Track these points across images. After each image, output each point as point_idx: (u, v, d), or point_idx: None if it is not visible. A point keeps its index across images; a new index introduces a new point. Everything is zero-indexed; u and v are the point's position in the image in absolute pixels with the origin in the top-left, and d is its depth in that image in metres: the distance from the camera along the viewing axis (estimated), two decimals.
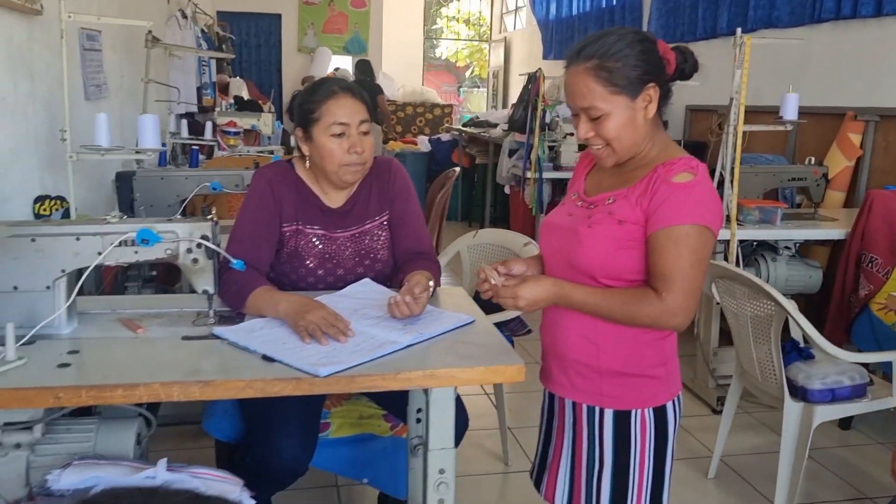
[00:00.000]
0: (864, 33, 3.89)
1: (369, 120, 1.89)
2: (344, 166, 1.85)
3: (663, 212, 1.42)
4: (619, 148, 1.49)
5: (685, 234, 1.41)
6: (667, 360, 1.54)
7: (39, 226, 1.60)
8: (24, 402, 1.35)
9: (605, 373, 1.53)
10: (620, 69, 1.43)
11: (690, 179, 1.43)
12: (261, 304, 1.72)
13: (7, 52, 2.43)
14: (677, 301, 1.41)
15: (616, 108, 1.45)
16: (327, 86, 1.88)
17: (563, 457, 1.65)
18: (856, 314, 3.01)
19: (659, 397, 1.53)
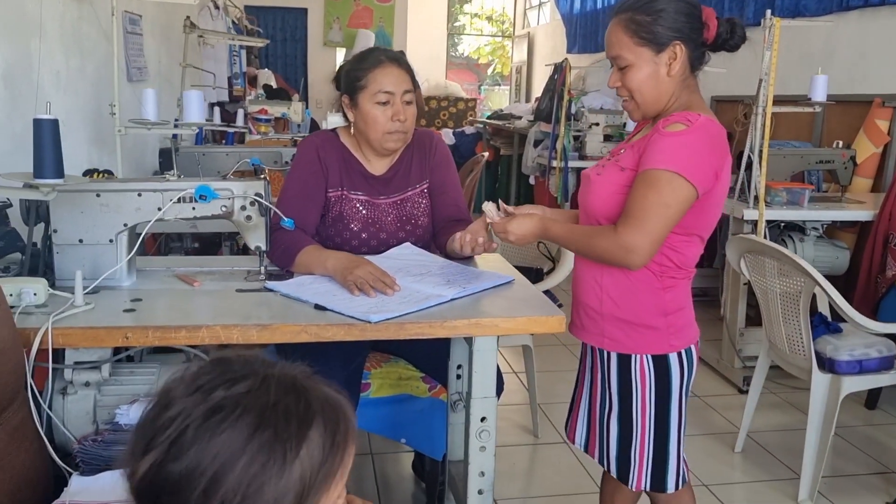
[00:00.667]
0: (893, 20, 3.90)
1: (413, 90, 1.96)
2: (387, 134, 1.93)
3: (646, 157, 1.49)
4: (640, 101, 1.56)
5: (656, 178, 1.46)
6: (667, 313, 1.58)
7: (104, 182, 1.68)
8: (95, 342, 1.43)
9: (606, 316, 1.61)
10: (649, 23, 1.51)
11: (681, 129, 1.48)
12: (309, 261, 1.79)
13: (61, 30, 2.53)
14: (632, 236, 1.46)
15: (640, 60, 1.52)
16: (375, 55, 1.96)
17: (583, 398, 1.75)
18: (883, 294, 3.04)
19: (658, 346, 1.58)
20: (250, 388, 0.72)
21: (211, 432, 0.69)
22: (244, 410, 0.70)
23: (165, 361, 1.62)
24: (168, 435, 0.70)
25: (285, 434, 0.70)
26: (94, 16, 2.86)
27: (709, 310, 4.15)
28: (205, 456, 0.69)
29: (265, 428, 0.70)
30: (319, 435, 0.72)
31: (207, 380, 0.73)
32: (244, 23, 7.41)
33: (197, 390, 0.72)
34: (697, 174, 1.46)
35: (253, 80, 7.38)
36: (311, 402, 0.73)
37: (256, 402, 0.71)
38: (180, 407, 0.71)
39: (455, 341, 1.85)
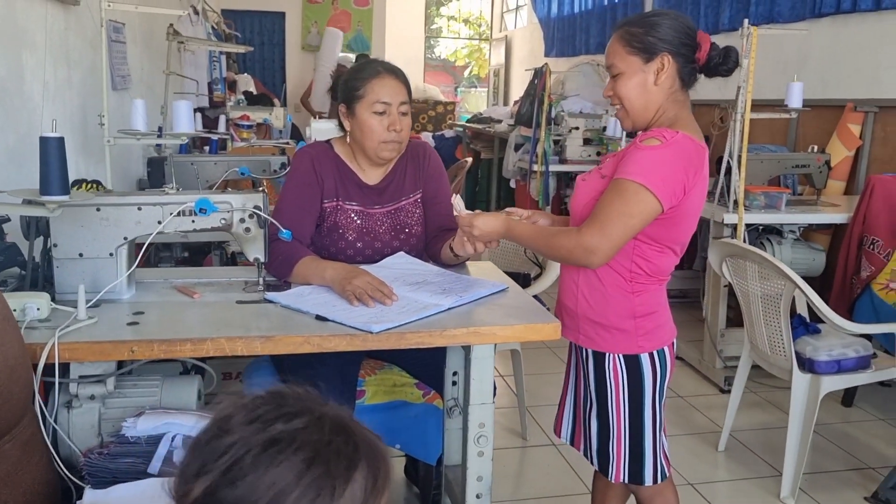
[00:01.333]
0: (864, 27, 4.02)
1: (409, 102, 2.01)
2: (382, 143, 1.97)
3: (620, 166, 1.58)
4: (629, 109, 1.65)
5: (625, 188, 1.54)
6: (636, 316, 1.66)
7: (104, 196, 1.70)
8: (102, 355, 1.45)
9: (581, 317, 1.70)
10: (641, 34, 1.60)
11: (655, 144, 1.56)
12: (308, 271, 1.83)
13: (48, 40, 2.53)
14: (593, 238, 1.54)
15: (629, 69, 1.62)
16: (373, 66, 2.01)
17: (569, 394, 1.84)
18: (858, 294, 3.14)
19: (628, 347, 1.67)
20: (307, 424, 0.75)
21: (268, 463, 0.72)
22: (300, 445, 0.73)
23: (166, 373, 1.64)
24: (225, 461, 0.73)
25: (335, 472, 0.73)
26: (80, 25, 2.86)
27: (689, 311, 4.24)
28: (260, 485, 0.71)
29: (319, 464, 0.73)
30: (363, 477, 0.75)
31: (266, 411, 0.76)
32: (223, 27, 7.38)
33: (256, 420, 0.75)
34: (664, 189, 1.53)
35: (232, 85, 7.36)
36: (359, 444, 0.77)
37: (311, 438, 0.74)
38: (239, 435, 0.74)
39: (451, 349, 1.89)
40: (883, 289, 3.02)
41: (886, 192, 3.09)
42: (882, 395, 3.34)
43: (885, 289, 3.01)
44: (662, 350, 1.69)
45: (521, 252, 2.91)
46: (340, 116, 2.03)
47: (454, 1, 12.63)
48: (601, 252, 1.54)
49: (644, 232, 1.59)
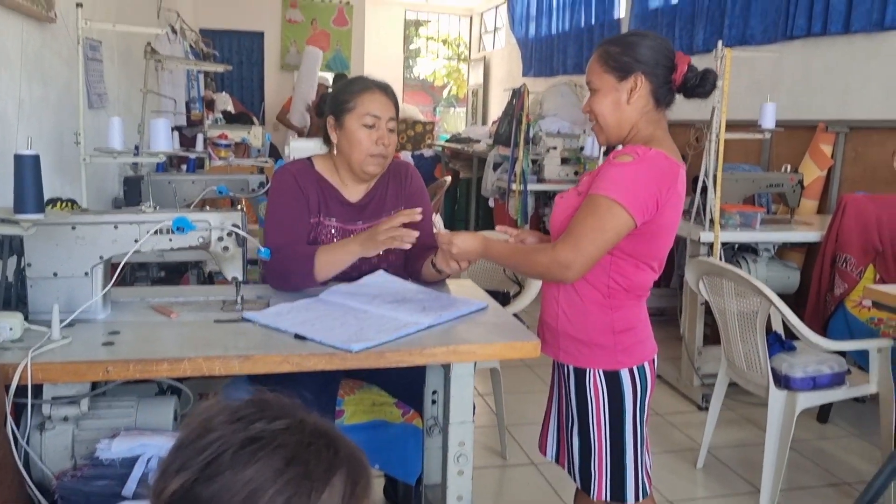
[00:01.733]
0: (834, 49, 4.11)
1: (396, 119, 2.03)
2: (369, 156, 1.98)
3: (594, 183, 1.61)
4: (603, 124, 1.69)
5: (598, 203, 1.57)
6: (615, 331, 1.68)
7: (80, 214, 1.68)
8: (76, 376, 1.43)
9: (561, 333, 1.72)
10: (618, 53, 1.65)
11: (628, 161, 1.59)
12: (332, 256, 1.87)
13: (24, 58, 2.51)
14: (567, 254, 1.57)
15: (604, 86, 1.67)
16: (364, 81, 2.05)
17: (552, 412, 1.85)
18: (832, 312, 3.18)
19: (608, 363, 1.68)
20: (288, 426, 0.75)
21: (246, 460, 0.72)
22: (280, 444, 0.73)
23: (141, 394, 1.62)
24: (204, 457, 0.72)
25: (314, 474, 0.73)
26: (57, 43, 2.84)
27: (667, 329, 4.26)
28: (236, 481, 0.71)
29: (297, 465, 0.73)
30: (342, 483, 0.75)
31: (248, 412, 0.76)
32: (201, 46, 7.38)
33: (238, 420, 0.75)
34: (635, 204, 1.55)
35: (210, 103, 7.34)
36: (340, 450, 0.77)
37: (292, 439, 0.74)
38: (220, 433, 0.74)
39: (430, 367, 1.88)
40: (856, 306, 3.07)
41: (858, 210, 3.14)
42: (856, 410, 3.37)
43: (857, 306, 3.06)
44: (643, 366, 1.70)
45: (500, 270, 2.92)
46: (328, 129, 2.04)
47: (433, 22, 12.72)
48: (575, 267, 1.57)
49: (620, 247, 1.61)
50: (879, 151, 3.81)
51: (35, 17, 2.55)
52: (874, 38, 3.84)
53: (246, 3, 9.17)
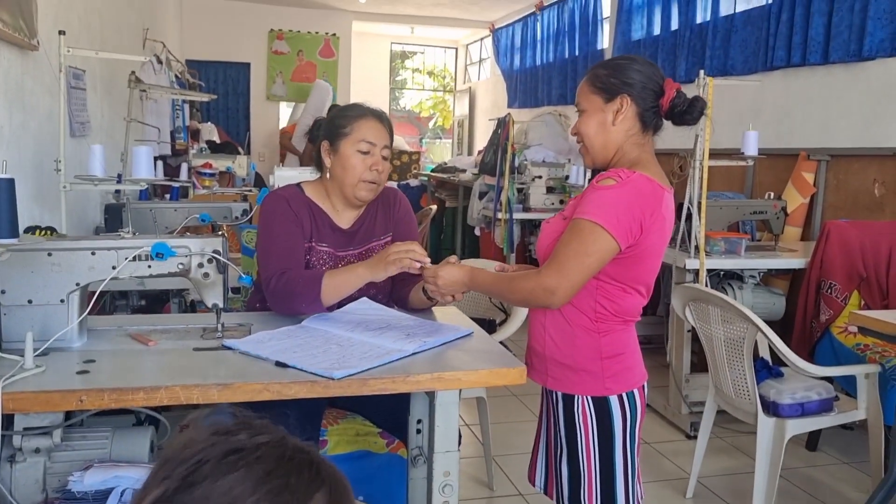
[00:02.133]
0: (813, 79, 4.17)
1: (390, 147, 2.03)
2: (362, 182, 1.98)
3: (578, 207, 1.61)
4: (589, 146, 1.70)
5: (581, 227, 1.57)
6: (603, 357, 1.66)
7: (56, 240, 1.65)
8: (48, 405, 1.39)
9: (549, 359, 1.70)
10: (606, 75, 1.66)
11: (611, 184, 1.58)
12: (339, 278, 1.83)
13: (4, 85, 2.48)
14: (552, 279, 1.55)
15: (591, 107, 1.68)
16: (361, 108, 2.04)
17: (541, 441, 1.82)
18: (818, 338, 3.17)
19: (596, 389, 1.66)
20: (270, 440, 0.75)
21: (226, 470, 0.71)
22: (261, 456, 0.72)
23: (118, 425, 1.58)
24: (185, 468, 0.71)
25: (295, 487, 0.72)
26: (39, 71, 2.82)
27: (654, 357, 4.24)
28: (216, 491, 0.70)
29: (278, 476, 0.71)
30: (324, 500, 0.73)
31: (231, 428, 0.76)
32: (186, 76, 7.38)
33: (221, 434, 0.75)
34: (619, 228, 1.54)
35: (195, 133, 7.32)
36: (322, 468, 0.75)
37: (274, 452, 0.73)
38: (202, 445, 0.73)
39: (414, 396, 1.85)
40: (842, 332, 3.06)
41: (841, 237, 3.16)
42: (845, 438, 3.35)
43: (843, 332, 3.06)
44: (632, 392, 1.68)
45: (486, 298, 2.89)
46: (321, 153, 2.03)
47: (419, 54, 12.85)
48: (560, 292, 1.55)
49: (605, 272, 1.60)
50: (861, 179, 3.85)
51: (17, 44, 2.53)
52: (852, 69, 3.90)
53: (232, 34, 9.22)
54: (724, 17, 4.96)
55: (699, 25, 5.24)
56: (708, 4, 5.15)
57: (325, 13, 9.51)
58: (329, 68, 9.65)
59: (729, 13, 4.92)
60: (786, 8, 4.26)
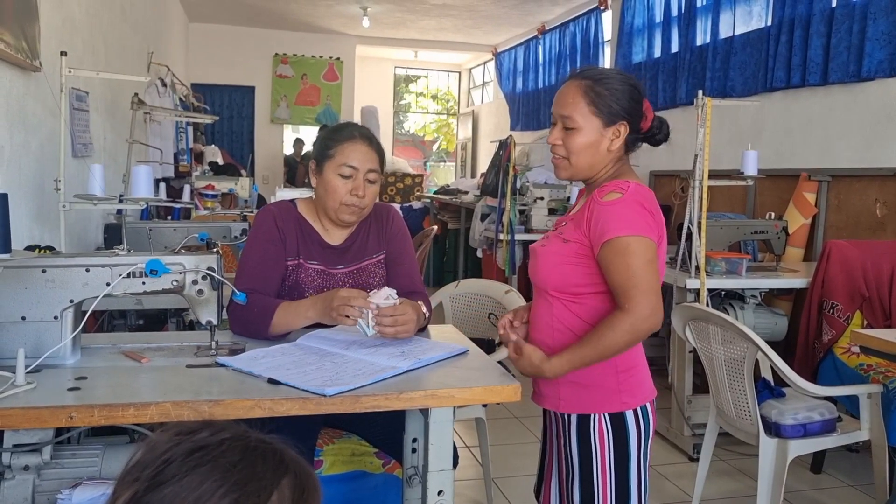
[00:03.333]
0: (813, 100, 4.18)
1: (378, 171, 2.02)
2: (343, 205, 1.97)
3: (600, 230, 1.57)
4: (575, 163, 1.66)
5: (626, 244, 1.54)
6: (619, 371, 1.64)
7: (50, 257, 1.65)
8: (38, 422, 1.37)
9: (561, 381, 1.65)
10: (606, 97, 1.62)
11: (618, 197, 1.58)
12: (289, 317, 1.83)
13: (6, 105, 2.51)
14: (641, 304, 1.52)
15: (588, 127, 1.63)
16: (349, 129, 2.03)
17: (554, 466, 1.76)
18: (820, 358, 3.14)
19: (613, 405, 1.63)
20: (233, 435, 0.77)
21: (192, 466, 0.73)
22: (226, 449, 0.74)
23: (110, 442, 1.56)
24: (153, 469, 0.73)
25: (261, 475, 0.74)
26: (41, 91, 2.85)
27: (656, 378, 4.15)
28: (184, 488, 0.72)
29: (244, 467, 0.73)
30: (290, 487, 0.76)
31: (194, 427, 0.78)
32: (191, 100, 7.45)
33: (184, 434, 0.77)
34: (651, 231, 1.56)
35: (199, 156, 7.37)
36: (286, 456, 0.78)
37: (237, 444, 0.76)
38: (167, 445, 0.75)
39: (410, 414, 1.83)
40: (845, 352, 3.04)
41: (843, 256, 3.14)
42: (850, 460, 3.31)
43: (846, 352, 3.03)
44: (645, 406, 1.66)
45: (484, 317, 2.88)
46: (309, 173, 2.03)
47: (422, 77, 12.95)
48: (655, 312, 1.53)
49: None
50: (862, 199, 3.84)
51: (19, 65, 2.55)
52: (852, 89, 3.91)
53: (237, 58, 9.31)
54: (723, 39, 4.99)
55: (699, 48, 5.28)
56: (707, 27, 5.19)
57: (329, 37, 9.61)
58: (333, 91, 9.73)
59: (728, 35, 4.95)
60: (784, 30, 4.29)
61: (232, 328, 1.92)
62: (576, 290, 1.63)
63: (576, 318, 1.65)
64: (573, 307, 1.65)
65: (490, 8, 7.84)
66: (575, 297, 1.64)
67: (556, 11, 7.80)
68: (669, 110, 5.49)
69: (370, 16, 8.28)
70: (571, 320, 1.65)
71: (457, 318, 3.02)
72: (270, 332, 1.84)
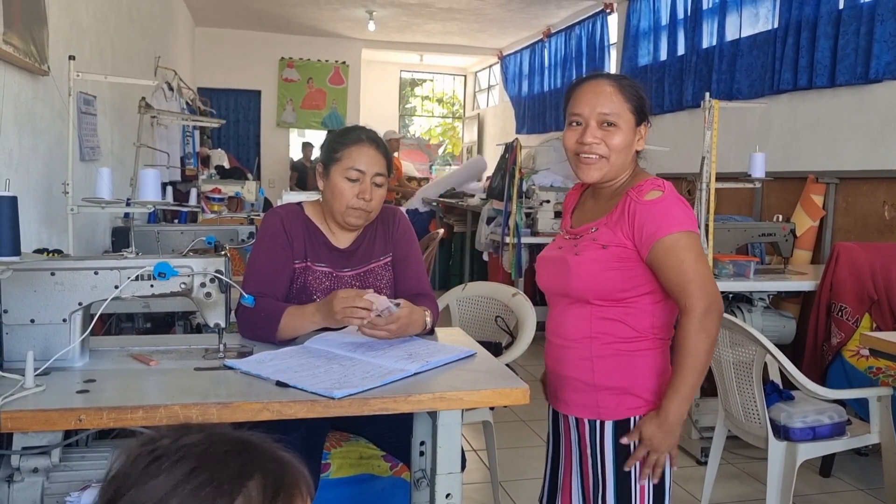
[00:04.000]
0: (821, 102, 4.16)
1: (385, 174, 2.02)
2: (349, 208, 1.97)
3: (648, 230, 1.56)
4: (614, 162, 1.65)
5: (675, 241, 1.54)
6: (659, 373, 1.63)
7: (59, 260, 1.65)
8: (47, 424, 1.38)
9: (600, 387, 1.63)
10: (640, 99, 1.65)
11: (660, 195, 1.58)
12: (295, 321, 1.83)
13: (15, 109, 2.52)
14: (702, 300, 1.53)
15: (627, 126, 1.64)
16: (357, 133, 2.02)
17: (574, 478, 1.71)
18: (829, 362, 3.13)
19: (655, 405, 1.61)
20: (196, 441, 0.76)
21: (149, 477, 0.73)
22: (183, 456, 0.74)
23: (119, 445, 1.56)
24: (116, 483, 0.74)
25: (220, 481, 0.73)
26: (49, 96, 2.86)
27: None
28: (140, 496, 0.72)
29: (200, 473, 0.73)
30: (259, 488, 0.74)
31: (158, 435, 0.78)
32: (197, 104, 7.47)
33: (146, 443, 0.77)
34: (695, 224, 1.58)
35: (206, 159, 7.39)
36: (255, 457, 0.76)
37: (196, 450, 0.75)
38: (132, 456, 0.76)
39: (418, 417, 1.83)
40: (854, 355, 3.02)
41: (851, 259, 3.13)
42: (860, 464, 3.29)
43: (855, 355, 3.01)
44: None
45: (492, 320, 2.88)
46: (316, 176, 2.04)
47: (428, 81, 12.96)
48: (716, 301, 1.54)
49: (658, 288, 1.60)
50: (870, 201, 3.82)
51: (27, 69, 2.57)
52: (859, 91, 3.89)
53: (243, 62, 9.34)
54: (729, 41, 4.98)
55: (705, 50, 5.27)
56: (714, 29, 5.18)
57: (335, 41, 9.63)
58: (338, 95, 9.75)
59: (735, 38, 4.94)
60: (791, 32, 4.28)
61: (240, 331, 1.92)
62: (621, 294, 1.60)
63: (618, 324, 1.62)
64: (616, 312, 1.62)
65: (495, 11, 7.85)
66: (618, 303, 1.61)
67: (561, 15, 7.80)
68: (676, 113, 5.48)
69: (376, 20, 8.30)
70: (613, 326, 1.62)
71: (464, 321, 3.01)
72: (277, 337, 1.85)
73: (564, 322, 1.69)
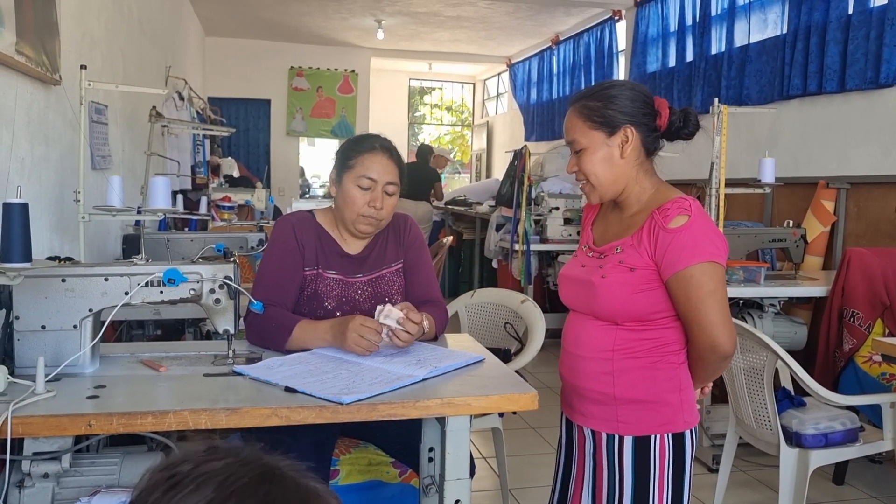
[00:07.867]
0: (831, 108, 4.15)
1: (397, 183, 2.02)
2: (361, 216, 1.98)
3: (669, 259, 1.53)
4: (596, 183, 1.62)
5: (690, 276, 1.51)
6: (681, 388, 1.61)
7: (70, 266, 1.66)
8: (57, 430, 1.38)
9: (620, 400, 1.60)
10: (600, 108, 1.59)
11: (685, 221, 1.53)
12: (306, 335, 1.84)
13: (27, 118, 2.54)
14: (711, 337, 1.53)
15: (593, 143, 1.60)
16: (370, 141, 2.03)
17: (585, 488, 1.69)
18: (841, 368, 3.10)
19: (676, 423, 1.59)
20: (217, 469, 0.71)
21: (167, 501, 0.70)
22: (201, 484, 0.70)
23: (129, 451, 1.57)
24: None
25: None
26: (61, 105, 2.88)
27: None
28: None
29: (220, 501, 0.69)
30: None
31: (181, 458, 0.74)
32: (208, 113, 7.52)
33: (166, 468, 0.73)
34: (719, 252, 1.53)
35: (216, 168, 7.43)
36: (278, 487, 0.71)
37: (216, 479, 0.70)
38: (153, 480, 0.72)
39: (427, 423, 1.83)
40: (866, 361, 3.00)
41: (863, 264, 3.10)
42: (873, 472, 3.26)
43: (868, 361, 2.99)
44: (695, 426, 1.65)
45: (501, 327, 2.87)
46: (329, 182, 2.05)
47: (437, 89, 12.99)
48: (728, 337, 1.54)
49: None
50: (881, 206, 3.80)
51: (40, 78, 2.59)
52: (870, 96, 3.88)
53: (253, 71, 9.39)
54: (738, 47, 4.97)
55: (714, 56, 5.26)
56: (722, 35, 5.17)
57: (344, 50, 9.67)
58: (348, 104, 9.78)
59: (743, 44, 4.93)
60: (800, 37, 4.26)
61: (248, 338, 1.93)
62: (649, 316, 1.58)
63: (645, 342, 1.60)
64: (642, 332, 1.60)
65: (504, 19, 7.87)
66: (645, 324, 1.59)
67: (570, 22, 7.81)
68: None
69: (385, 28, 8.33)
70: (637, 341, 1.60)
71: (473, 328, 3.01)
72: (286, 348, 1.85)
73: (585, 334, 1.66)
